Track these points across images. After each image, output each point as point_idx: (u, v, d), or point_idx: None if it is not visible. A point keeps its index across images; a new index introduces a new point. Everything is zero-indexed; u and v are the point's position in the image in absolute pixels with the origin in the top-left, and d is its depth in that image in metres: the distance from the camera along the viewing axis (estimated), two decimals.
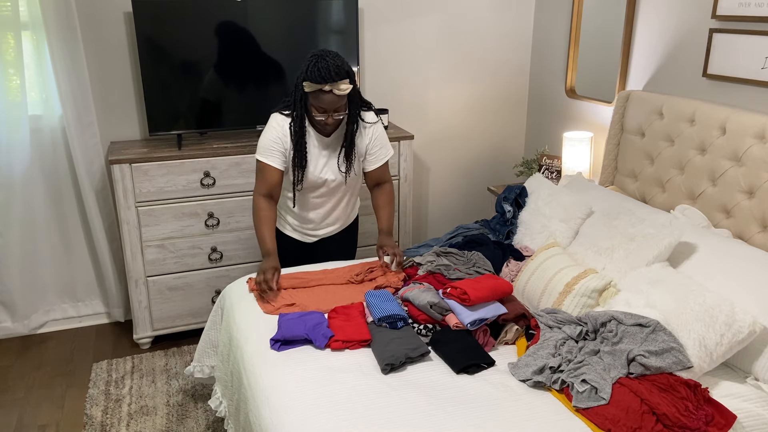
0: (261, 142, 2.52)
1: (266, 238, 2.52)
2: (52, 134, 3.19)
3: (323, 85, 2.32)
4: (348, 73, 2.37)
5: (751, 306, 1.98)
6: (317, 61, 2.32)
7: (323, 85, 2.32)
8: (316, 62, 2.32)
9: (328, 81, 2.31)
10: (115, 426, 2.65)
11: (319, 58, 2.33)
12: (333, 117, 2.42)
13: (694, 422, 1.68)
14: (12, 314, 3.30)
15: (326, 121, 2.42)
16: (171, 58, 3.07)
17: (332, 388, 1.85)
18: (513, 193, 2.91)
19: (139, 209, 3.03)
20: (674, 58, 2.90)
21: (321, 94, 2.35)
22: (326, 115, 2.41)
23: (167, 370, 3.05)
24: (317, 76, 2.31)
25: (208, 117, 3.21)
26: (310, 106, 2.41)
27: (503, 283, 2.19)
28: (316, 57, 2.34)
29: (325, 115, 2.41)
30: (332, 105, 2.37)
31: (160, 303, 3.18)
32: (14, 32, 2.98)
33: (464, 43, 3.80)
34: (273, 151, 2.49)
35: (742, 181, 2.44)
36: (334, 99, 2.36)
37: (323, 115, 2.41)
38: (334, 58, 2.34)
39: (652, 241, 2.25)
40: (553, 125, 3.81)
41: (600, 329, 2.04)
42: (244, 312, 2.31)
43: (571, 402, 1.81)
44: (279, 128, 2.50)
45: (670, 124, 2.76)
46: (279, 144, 2.49)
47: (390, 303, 2.20)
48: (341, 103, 2.40)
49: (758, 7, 2.46)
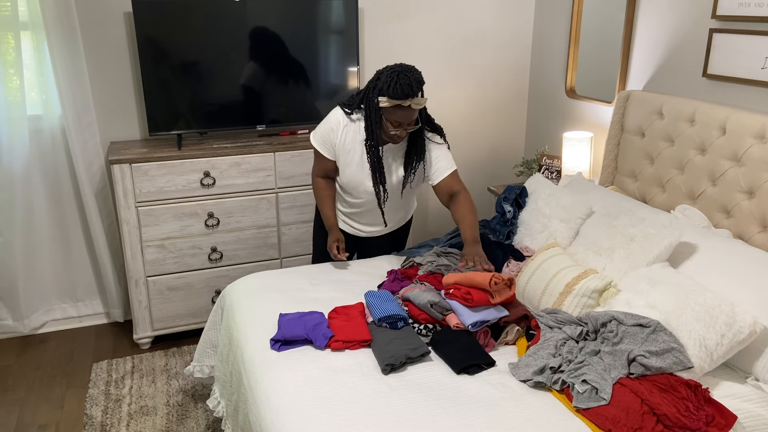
0: (317, 131, 2.59)
1: (328, 214, 2.64)
2: (52, 134, 3.19)
3: (403, 101, 2.31)
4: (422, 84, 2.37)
5: (752, 306, 1.98)
6: (398, 78, 2.29)
7: (403, 101, 2.31)
8: (396, 79, 2.29)
9: (410, 96, 2.30)
10: (115, 426, 2.65)
11: (399, 74, 2.29)
12: (407, 130, 2.41)
13: (694, 422, 1.68)
14: (13, 313, 3.30)
15: (400, 135, 2.40)
16: (171, 58, 3.07)
17: (332, 389, 1.85)
18: (513, 193, 2.91)
19: (139, 209, 3.03)
20: (674, 58, 2.90)
21: (399, 110, 2.33)
22: (401, 129, 2.39)
23: (167, 370, 3.05)
24: (399, 92, 2.28)
25: (208, 117, 3.21)
26: (384, 120, 2.38)
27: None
28: (396, 73, 2.30)
29: (400, 129, 2.38)
30: (409, 119, 2.36)
31: (160, 303, 3.18)
32: (14, 32, 2.98)
33: (464, 43, 3.80)
34: (326, 142, 2.56)
35: (742, 181, 2.44)
36: (410, 113, 2.35)
37: (398, 129, 2.38)
38: (414, 73, 2.31)
39: (652, 242, 2.25)
40: (553, 125, 3.81)
41: (600, 329, 2.04)
42: (244, 312, 2.31)
43: (571, 402, 1.81)
44: (335, 122, 2.52)
45: (670, 124, 2.76)
46: (329, 137, 2.54)
47: (390, 303, 2.20)
48: (415, 117, 2.39)
49: (758, 7, 2.46)
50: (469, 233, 2.46)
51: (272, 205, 3.25)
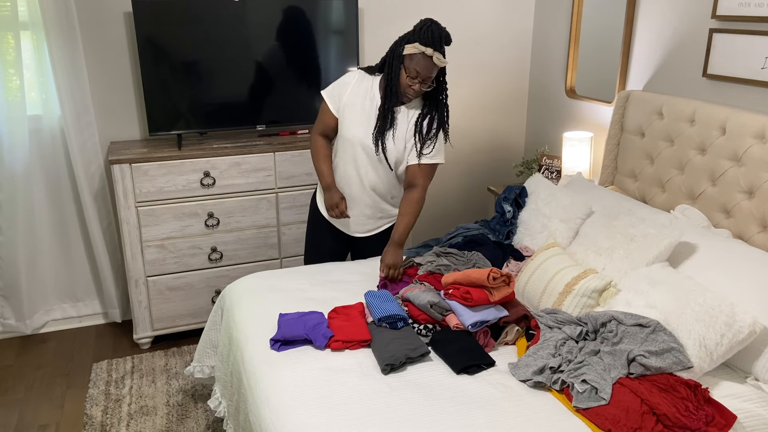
0: (334, 83, 2.61)
1: (324, 172, 2.62)
2: (52, 134, 3.19)
3: (427, 49, 2.35)
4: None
5: (751, 306, 1.98)
6: (432, 25, 2.37)
7: (427, 49, 2.35)
8: (430, 25, 2.37)
9: (437, 47, 2.36)
10: (115, 426, 2.65)
11: (433, 23, 2.39)
12: (422, 85, 2.43)
13: (694, 422, 1.68)
14: (16, 312, 3.30)
15: (413, 87, 2.43)
16: (171, 58, 3.07)
17: (332, 389, 1.85)
18: (513, 193, 2.91)
19: (139, 209, 3.03)
20: (674, 58, 2.90)
21: (422, 58, 2.37)
22: (416, 81, 2.41)
23: (167, 370, 3.05)
24: (429, 37, 2.35)
25: (208, 117, 3.21)
26: (403, 68, 2.42)
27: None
28: (431, 21, 2.39)
29: (416, 80, 2.41)
30: (427, 71, 2.39)
31: (160, 303, 3.18)
32: (14, 32, 2.98)
33: (464, 43, 3.80)
34: (333, 94, 2.58)
35: (742, 181, 2.44)
36: (431, 66, 2.38)
37: (414, 81, 2.41)
38: (446, 29, 2.40)
39: (652, 241, 2.25)
40: (553, 125, 3.81)
41: (600, 329, 2.04)
42: (244, 312, 2.31)
43: (571, 402, 1.81)
44: (351, 76, 2.57)
45: (670, 124, 2.76)
46: (341, 88, 2.57)
47: (390, 303, 2.20)
48: (433, 74, 2.42)
49: (758, 7, 2.46)
50: (397, 234, 2.54)
51: (272, 205, 3.25)
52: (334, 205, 2.59)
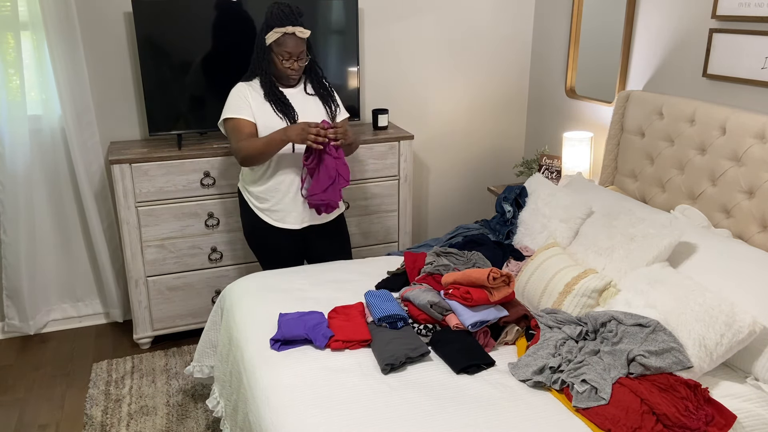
0: (228, 104, 2.63)
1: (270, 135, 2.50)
2: (52, 134, 3.19)
3: (287, 28, 2.48)
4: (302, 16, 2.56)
5: (751, 306, 1.98)
6: (278, 7, 2.50)
7: (287, 28, 2.48)
8: (279, 7, 2.50)
9: (293, 22, 2.49)
10: (115, 426, 2.65)
11: (279, 4, 2.51)
12: (298, 62, 2.57)
13: (694, 422, 1.68)
14: (20, 313, 3.30)
15: (292, 67, 2.56)
16: (171, 58, 3.07)
17: (332, 389, 1.85)
18: (513, 193, 2.91)
19: (139, 209, 3.03)
20: (674, 58, 2.90)
21: (285, 39, 2.50)
22: (292, 61, 2.55)
23: (167, 370, 3.05)
24: (284, 17, 2.48)
25: (208, 117, 3.21)
26: (275, 57, 2.55)
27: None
28: (277, 4, 2.51)
29: (291, 60, 2.55)
30: (297, 48, 2.53)
31: (160, 303, 3.18)
32: (14, 32, 2.98)
33: (464, 43, 3.80)
34: (241, 105, 2.60)
35: (742, 181, 2.44)
36: (297, 42, 2.52)
37: (289, 61, 2.55)
38: (290, 4, 2.52)
39: (652, 241, 2.25)
40: (553, 125, 3.81)
41: (600, 329, 2.04)
42: (244, 312, 2.31)
43: (571, 402, 1.81)
44: (242, 88, 2.63)
45: (670, 124, 2.76)
46: (244, 100, 2.61)
47: (390, 303, 2.20)
48: (303, 48, 2.56)
49: (758, 7, 2.46)
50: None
51: None
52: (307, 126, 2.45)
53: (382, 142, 3.34)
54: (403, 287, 2.42)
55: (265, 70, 2.60)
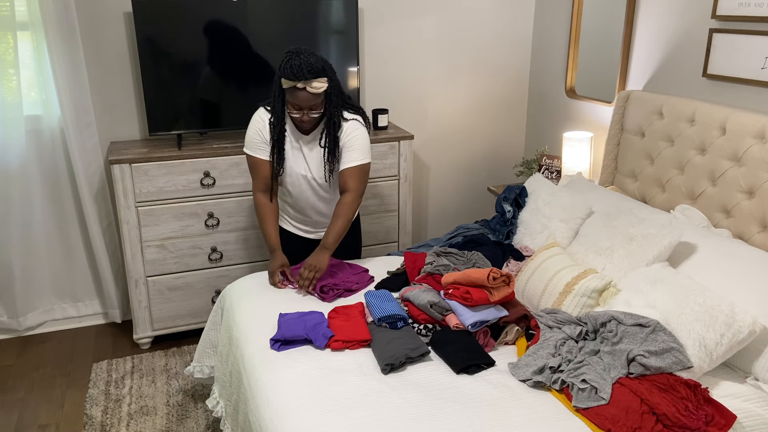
0: (246, 137, 2.57)
1: (270, 233, 2.56)
2: (51, 134, 3.19)
3: (296, 83, 2.33)
4: (324, 71, 2.36)
5: (751, 306, 1.98)
6: (291, 58, 2.33)
7: (296, 83, 2.33)
8: (289, 59, 2.33)
9: (301, 79, 2.32)
10: (115, 426, 2.65)
11: (293, 55, 2.34)
12: (308, 115, 2.42)
13: (694, 422, 1.68)
14: (8, 310, 3.30)
15: (302, 119, 2.43)
16: (171, 58, 3.07)
17: (332, 389, 1.85)
18: (513, 193, 2.91)
19: (139, 209, 3.03)
20: (674, 58, 2.90)
21: (296, 91, 2.36)
22: (301, 113, 2.41)
23: (167, 370, 3.05)
24: (290, 73, 2.32)
25: (208, 117, 3.21)
26: (287, 103, 2.43)
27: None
28: (291, 54, 2.35)
29: (301, 112, 2.41)
30: (307, 102, 2.37)
31: (160, 303, 3.18)
32: (13, 32, 2.98)
33: (464, 43, 3.80)
34: (257, 143, 2.53)
35: (742, 181, 2.44)
36: (308, 97, 2.36)
37: (299, 113, 2.41)
38: (309, 56, 2.33)
39: (652, 241, 2.25)
40: (553, 125, 3.81)
41: (600, 329, 2.04)
42: (244, 312, 2.31)
43: (571, 402, 1.81)
44: (260, 122, 2.53)
45: (670, 124, 2.76)
46: (260, 136, 2.53)
47: (390, 303, 2.20)
48: (317, 101, 2.39)
49: (758, 7, 2.46)
50: (328, 238, 2.49)
51: None
52: (272, 273, 2.50)
53: (382, 142, 3.34)
54: (403, 287, 2.42)
55: (276, 110, 2.47)
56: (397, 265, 2.68)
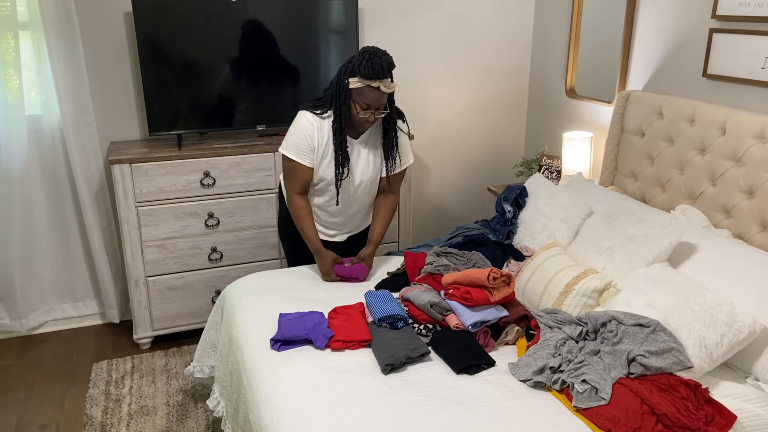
0: (291, 140, 2.48)
1: (311, 235, 2.55)
2: (52, 134, 3.19)
3: (373, 81, 2.33)
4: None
5: (752, 306, 1.98)
6: (371, 57, 2.33)
7: (373, 81, 2.33)
8: (369, 58, 2.33)
9: (381, 77, 2.34)
10: (115, 426, 2.65)
11: (371, 54, 2.34)
12: (375, 115, 2.42)
13: (694, 422, 1.68)
14: (10, 312, 3.30)
15: (368, 119, 2.42)
16: (171, 58, 3.07)
17: (332, 389, 1.85)
18: (513, 193, 2.91)
19: (139, 209, 3.03)
20: (674, 58, 2.90)
21: (369, 91, 2.36)
22: (369, 113, 2.40)
23: (167, 370, 3.05)
24: (371, 72, 2.32)
25: (208, 117, 3.21)
26: (353, 103, 2.40)
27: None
28: (369, 53, 2.35)
29: (369, 112, 2.40)
30: (377, 102, 2.38)
31: (160, 303, 3.18)
32: (13, 32, 2.98)
33: (464, 43, 3.80)
34: (304, 149, 2.46)
35: (742, 181, 2.44)
36: (380, 96, 2.38)
37: (367, 113, 2.40)
38: (386, 56, 2.37)
39: (652, 241, 2.25)
40: (553, 125, 3.81)
41: (600, 329, 2.04)
42: (244, 312, 2.31)
43: (571, 402, 1.81)
44: (309, 126, 2.46)
45: (670, 124, 2.76)
46: (308, 141, 2.47)
47: (390, 303, 2.20)
48: (384, 101, 2.41)
49: (758, 7, 2.46)
50: (376, 235, 2.64)
51: (272, 205, 3.25)
52: (327, 271, 2.55)
53: None
54: (403, 287, 2.42)
55: (339, 111, 2.43)
56: (397, 266, 2.68)
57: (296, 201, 2.54)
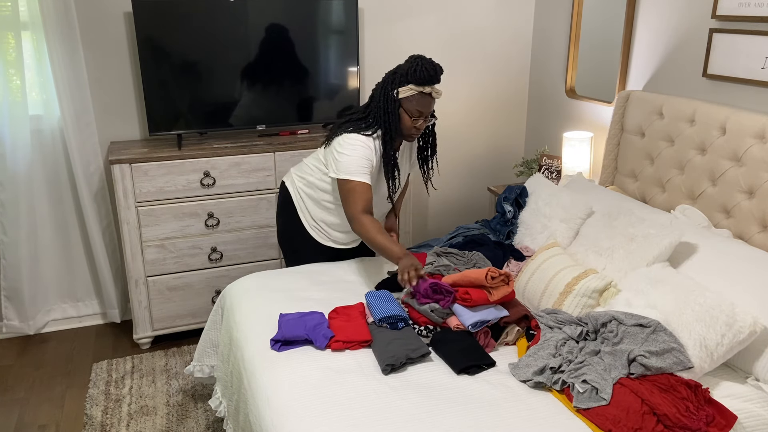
0: (351, 163, 2.38)
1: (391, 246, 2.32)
2: (52, 134, 3.19)
3: (425, 87, 2.33)
4: None
5: (752, 306, 1.98)
6: (422, 63, 2.32)
7: (425, 87, 2.33)
8: (421, 64, 2.31)
9: (434, 82, 2.34)
10: (115, 426, 2.65)
11: (422, 60, 2.33)
12: (425, 122, 2.42)
13: (694, 423, 1.68)
14: (19, 313, 3.30)
15: (419, 127, 2.40)
16: (171, 58, 3.07)
17: (333, 389, 1.85)
18: (513, 193, 2.91)
19: (139, 209, 3.03)
20: (674, 58, 2.90)
21: (420, 97, 2.35)
22: (422, 120, 2.40)
23: (167, 370, 3.05)
24: (426, 77, 2.31)
25: (208, 117, 3.21)
26: (403, 113, 2.38)
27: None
28: (419, 59, 2.33)
29: (421, 120, 2.39)
30: (429, 108, 2.38)
31: (160, 303, 3.18)
32: (14, 32, 2.98)
33: (464, 43, 3.80)
34: (365, 170, 2.40)
35: (742, 181, 2.45)
36: (430, 102, 2.38)
37: (419, 120, 2.39)
38: (434, 62, 2.35)
39: (652, 241, 2.25)
40: (553, 125, 3.81)
41: (600, 329, 2.04)
42: (244, 312, 2.31)
43: (571, 402, 1.81)
44: (367, 149, 2.40)
45: (670, 124, 2.76)
46: (369, 163, 2.41)
47: (390, 303, 2.20)
48: (433, 108, 2.42)
49: (758, 7, 2.46)
50: (401, 246, 2.37)
51: (272, 205, 3.25)
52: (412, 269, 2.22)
53: None
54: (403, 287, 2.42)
55: (389, 123, 2.39)
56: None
57: (365, 219, 2.38)
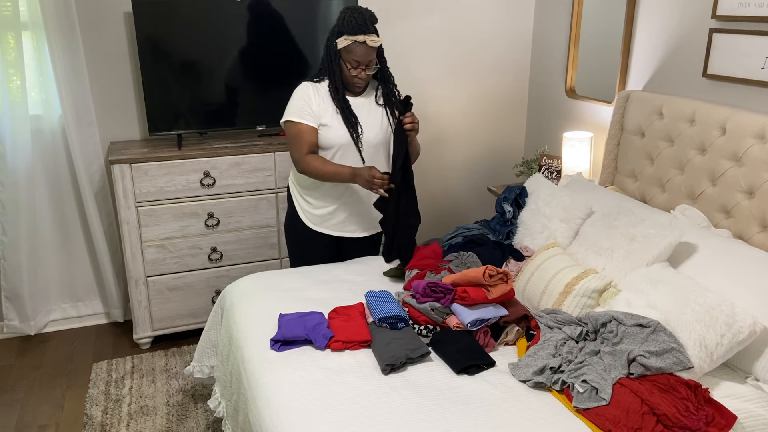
0: (291, 105, 2.55)
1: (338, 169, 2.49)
2: (52, 134, 3.19)
3: (358, 36, 2.41)
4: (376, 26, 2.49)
5: (752, 306, 1.98)
6: (352, 13, 2.42)
7: (358, 36, 2.41)
8: (351, 14, 2.42)
9: (365, 31, 2.41)
10: (115, 426, 2.65)
11: (353, 10, 2.43)
12: (366, 71, 2.50)
13: (694, 423, 1.68)
14: (20, 313, 3.30)
15: (359, 76, 2.49)
16: (171, 58, 3.07)
17: (332, 389, 1.85)
18: (513, 193, 2.91)
19: (139, 209, 3.03)
20: (674, 58, 2.90)
21: (355, 47, 2.43)
22: (360, 69, 2.48)
23: (167, 370, 3.05)
24: (355, 26, 2.40)
25: (208, 117, 3.21)
26: (343, 63, 2.48)
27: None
28: (350, 10, 2.43)
29: (359, 69, 2.48)
30: (366, 57, 2.46)
31: (160, 303, 3.18)
32: (14, 32, 2.98)
33: (464, 43, 3.80)
34: (304, 110, 2.52)
35: (742, 181, 2.44)
36: (368, 51, 2.45)
37: (357, 70, 2.48)
38: (367, 10, 2.44)
39: (652, 242, 2.25)
40: (553, 125, 3.81)
41: (600, 329, 2.04)
42: (244, 312, 2.31)
43: (571, 402, 1.81)
44: (305, 91, 2.54)
45: (670, 124, 2.76)
46: (307, 102, 2.52)
47: (390, 303, 2.20)
48: (373, 57, 2.49)
49: (758, 7, 2.46)
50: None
51: (272, 205, 3.25)
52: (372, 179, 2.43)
53: None
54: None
55: (333, 74, 2.52)
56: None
57: (309, 159, 2.52)
